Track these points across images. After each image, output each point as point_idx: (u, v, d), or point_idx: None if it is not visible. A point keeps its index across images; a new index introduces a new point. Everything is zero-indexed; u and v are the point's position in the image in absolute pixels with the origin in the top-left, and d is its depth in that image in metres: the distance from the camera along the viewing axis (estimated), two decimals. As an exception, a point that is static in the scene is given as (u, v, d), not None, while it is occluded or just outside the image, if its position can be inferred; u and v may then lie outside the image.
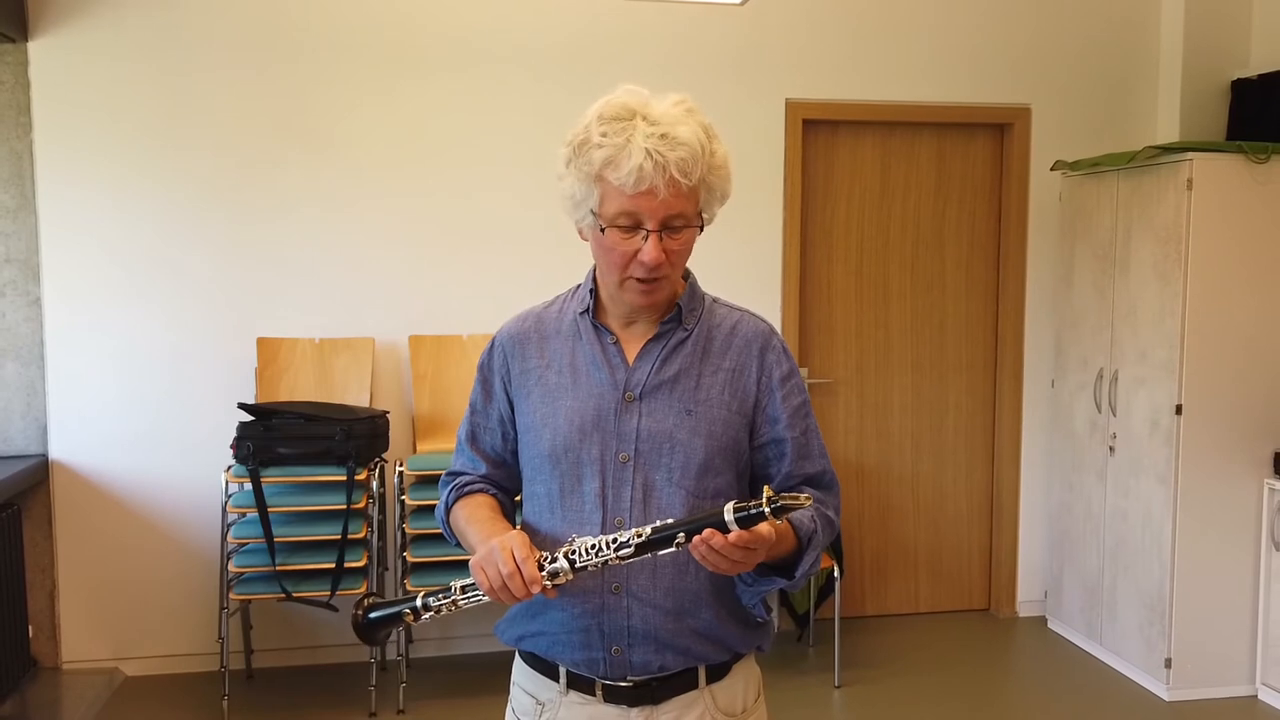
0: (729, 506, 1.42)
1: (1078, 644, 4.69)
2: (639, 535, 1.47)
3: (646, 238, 1.57)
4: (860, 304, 4.91)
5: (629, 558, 1.48)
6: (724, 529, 1.42)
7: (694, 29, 4.52)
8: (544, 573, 1.50)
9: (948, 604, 5.11)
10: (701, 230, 1.64)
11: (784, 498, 1.41)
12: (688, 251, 1.65)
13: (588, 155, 1.56)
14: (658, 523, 1.49)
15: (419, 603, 1.61)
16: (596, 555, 1.48)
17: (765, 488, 1.43)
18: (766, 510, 1.39)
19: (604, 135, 1.55)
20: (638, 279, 1.61)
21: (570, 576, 1.50)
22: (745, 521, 1.41)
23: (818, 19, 4.64)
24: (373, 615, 1.67)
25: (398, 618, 1.63)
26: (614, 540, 1.48)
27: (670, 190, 1.54)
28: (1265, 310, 4.10)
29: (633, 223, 1.57)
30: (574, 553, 1.50)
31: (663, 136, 1.53)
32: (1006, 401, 4.99)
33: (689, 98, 1.61)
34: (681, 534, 1.45)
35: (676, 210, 1.57)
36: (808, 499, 1.42)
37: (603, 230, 1.59)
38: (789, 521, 1.58)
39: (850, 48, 4.68)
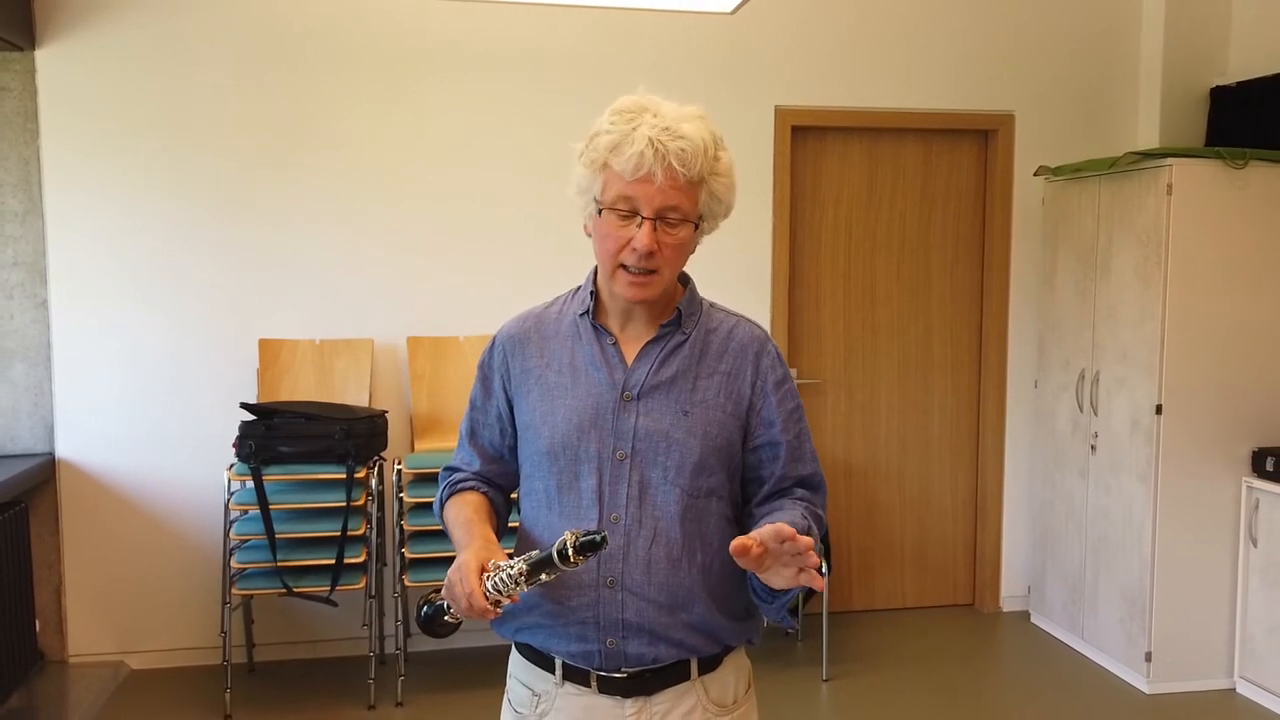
0: (567, 539, 1.46)
1: (1060, 638, 4.77)
2: (521, 574, 1.52)
3: (641, 224, 1.61)
4: (848, 306, 4.99)
5: (530, 586, 1.54)
6: (566, 558, 1.46)
7: (685, 37, 4.59)
8: (490, 600, 1.54)
9: (933, 599, 5.19)
10: (697, 229, 1.66)
11: (582, 538, 1.45)
12: (683, 251, 1.66)
13: (596, 143, 1.62)
14: (528, 555, 1.53)
15: (445, 602, 1.69)
16: (516, 585, 1.53)
17: (568, 532, 1.47)
18: (570, 551, 1.45)
19: (613, 124, 1.61)
20: (628, 269, 1.64)
21: (513, 599, 1.56)
22: (561, 556, 1.46)
23: (807, 28, 4.72)
24: (424, 610, 1.73)
25: (442, 611, 1.70)
26: (509, 577, 1.52)
27: (667, 178, 1.58)
28: (1243, 312, 4.16)
29: (629, 209, 1.61)
30: (496, 582, 1.54)
31: (667, 129, 1.58)
32: (990, 401, 5.07)
33: (706, 112, 1.66)
34: (544, 573, 1.51)
35: (673, 202, 1.60)
36: (604, 538, 1.45)
37: (600, 214, 1.63)
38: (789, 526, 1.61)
39: (838, 56, 4.76)
